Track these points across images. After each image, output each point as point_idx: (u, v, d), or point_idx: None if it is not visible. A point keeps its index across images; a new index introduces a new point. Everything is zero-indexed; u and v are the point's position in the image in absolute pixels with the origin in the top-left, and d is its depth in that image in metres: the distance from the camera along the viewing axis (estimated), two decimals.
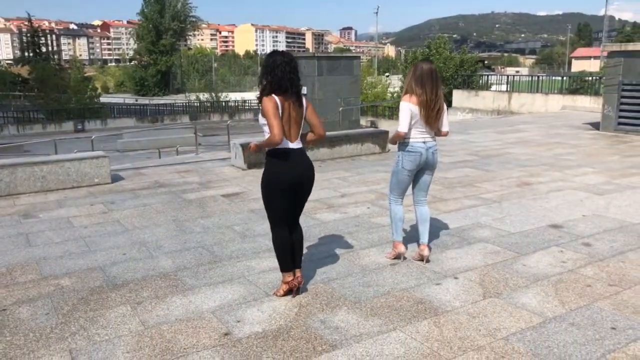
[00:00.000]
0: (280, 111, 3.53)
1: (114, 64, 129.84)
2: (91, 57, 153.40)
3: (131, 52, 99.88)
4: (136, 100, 51.40)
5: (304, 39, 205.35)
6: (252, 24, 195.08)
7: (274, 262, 4.40)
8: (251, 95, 49.30)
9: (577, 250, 4.78)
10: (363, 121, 21.70)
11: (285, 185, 3.69)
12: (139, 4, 75.12)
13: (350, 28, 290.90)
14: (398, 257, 4.60)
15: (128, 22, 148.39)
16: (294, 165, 3.68)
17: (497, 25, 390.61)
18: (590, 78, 22.37)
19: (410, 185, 4.59)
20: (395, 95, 39.19)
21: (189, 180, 7.88)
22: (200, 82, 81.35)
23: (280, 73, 3.55)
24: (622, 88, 12.03)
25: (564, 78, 22.14)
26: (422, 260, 4.57)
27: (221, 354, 3.13)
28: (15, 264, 4.62)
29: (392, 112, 26.64)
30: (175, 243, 5.13)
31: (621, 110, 12.15)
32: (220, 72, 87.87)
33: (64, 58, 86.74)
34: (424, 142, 4.38)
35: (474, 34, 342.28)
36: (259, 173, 8.39)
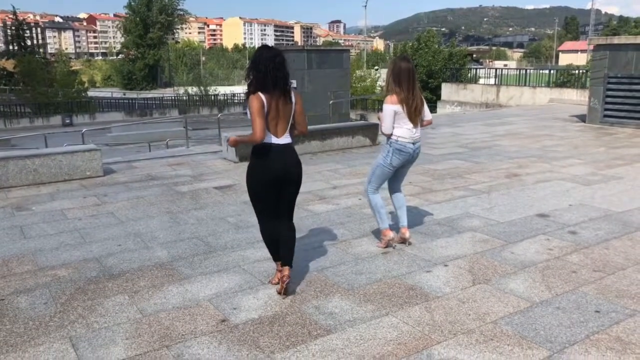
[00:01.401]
0: (266, 108, 3.52)
1: (100, 57, 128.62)
2: (77, 50, 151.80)
3: (118, 46, 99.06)
4: (124, 94, 51.05)
5: (292, 33, 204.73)
6: (241, 17, 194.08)
7: (268, 252, 4.49)
8: (240, 89, 49.17)
9: (563, 238, 4.91)
10: (353, 114, 21.82)
11: (267, 180, 3.65)
12: None
13: (339, 21, 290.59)
14: (389, 244, 4.71)
15: (115, 15, 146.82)
16: (278, 161, 3.63)
17: (485, 19, 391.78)
18: (576, 71, 22.63)
19: None
20: (382, 88, 39.38)
21: (181, 173, 7.92)
22: (188, 75, 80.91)
23: (264, 69, 3.51)
24: (607, 81, 12.22)
25: (552, 71, 22.35)
26: (405, 243, 4.75)
27: (219, 340, 3.21)
28: (11, 256, 4.66)
29: (382, 105, 26.72)
30: (169, 234, 5.19)
31: (607, 103, 12.35)
32: (208, 65, 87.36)
33: (49, 52, 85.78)
34: (413, 143, 4.53)
35: (462, 27, 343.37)
36: None
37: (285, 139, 3.69)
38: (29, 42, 55.01)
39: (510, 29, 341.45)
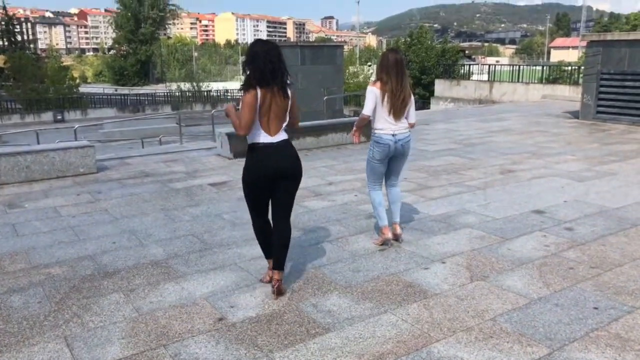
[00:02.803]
0: (258, 104, 3.46)
1: (92, 53, 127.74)
2: (68, 46, 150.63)
3: (110, 41, 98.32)
4: (116, 90, 50.70)
5: (285, 28, 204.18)
6: (233, 13, 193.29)
7: None
8: (233, 85, 49.00)
9: (559, 235, 4.91)
10: (346, 111, 21.75)
11: (258, 178, 3.59)
12: None
13: (332, 17, 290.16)
14: (385, 242, 4.69)
15: (106, 10, 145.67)
16: (269, 160, 3.55)
17: (477, 15, 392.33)
18: (568, 68, 22.72)
19: None
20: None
21: (175, 170, 7.87)
22: (180, 71, 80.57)
23: (261, 63, 3.44)
24: (600, 77, 12.26)
25: (544, 68, 22.41)
26: (398, 240, 4.72)
27: (216, 338, 3.18)
28: (4, 254, 4.60)
29: None
30: (164, 231, 5.15)
31: (600, 99, 12.39)
32: (200, 61, 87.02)
33: (40, 47, 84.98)
34: (392, 135, 4.47)
35: (455, 23, 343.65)
36: (244, 162, 8.40)
37: (279, 137, 3.59)
38: (19, 38, 54.44)
39: (502, 25, 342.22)
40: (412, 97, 4.53)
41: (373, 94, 4.40)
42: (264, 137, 3.55)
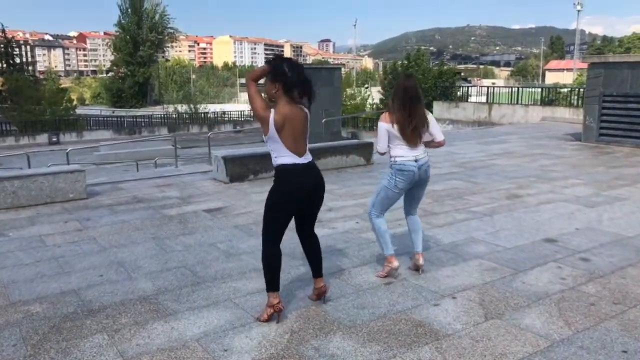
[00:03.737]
0: (282, 122, 3.46)
1: (90, 75, 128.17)
2: (67, 68, 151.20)
3: (108, 64, 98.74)
4: (113, 112, 50.57)
5: (282, 51, 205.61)
6: (231, 36, 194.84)
7: (261, 282, 4.15)
8: (231, 107, 48.96)
9: (575, 266, 4.62)
10: (344, 133, 21.57)
11: (292, 201, 3.58)
12: (115, 15, 74.22)
13: (329, 40, 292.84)
14: (391, 273, 4.40)
15: (105, 33, 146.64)
16: (303, 180, 3.57)
17: (472, 38, 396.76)
18: (565, 90, 22.64)
19: (402, 198, 4.47)
20: (374, 106, 39.33)
21: (168, 195, 7.57)
22: (178, 93, 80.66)
23: (295, 80, 3.47)
24: (603, 99, 12.09)
25: (543, 89, 22.34)
26: (418, 270, 4.46)
27: None
28: None
29: (373, 124, 26.63)
30: (155, 263, 4.84)
31: (602, 122, 12.21)
32: (198, 83, 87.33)
33: (39, 69, 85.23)
34: (415, 161, 4.26)
35: (450, 46, 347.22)
36: (241, 187, 8.14)
37: (306, 158, 3.62)
38: (17, 60, 54.48)
39: (497, 48, 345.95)
40: (429, 117, 4.30)
41: (383, 129, 4.23)
42: (294, 159, 3.55)
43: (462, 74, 62.22)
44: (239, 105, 53.65)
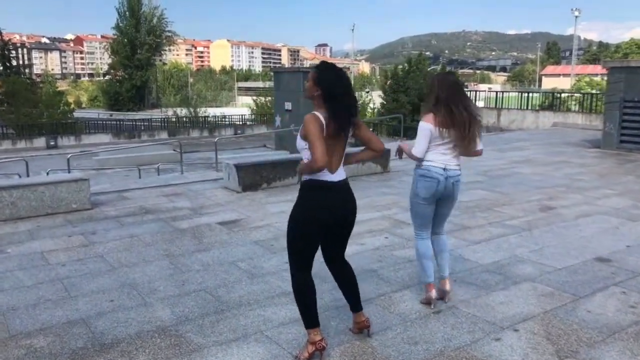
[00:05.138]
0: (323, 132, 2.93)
1: (87, 78, 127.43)
2: (64, 71, 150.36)
3: (105, 67, 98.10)
4: (111, 115, 49.99)
5: (279, 55, 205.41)
6: (228, 40, 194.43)
7: (293, 310, 3.70)
8: (231, 111, 48.47)
9: None
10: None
11: (320, 227, 3.08)
12: (113, 18, 73.46)
13: (326, 45, 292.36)
14: (429, 302, 3.90)
15: (102, 36, 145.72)
16: (335, 204, 3.07)
17: (468, 43, 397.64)
18: (577, 95, 22.27)
19: None
20: (375, 110, 38.89)
21: (178, 205, 7.08)
22: (175, 97, 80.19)
23: (339, 93, 3.00)
24: (624, 105, 11.66)
25: (554, 94, 21.94)
26: (444, 299, 3.95)
27: None
28: None
29: (375, 129, 26.21)
30: (171, 285, 4.35)
31: (623, 128, 11.77)
32: (196, 87, 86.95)
33: (35, 72, 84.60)
34: (443, 169, 3.74)
35: (446, 51, 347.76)
36: (255, 196, 7.60)
37: (340, 174, 3.10)
38: (14, 63, 53.87)
39: (493, 53, 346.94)
40: (477, 123, 3.76)
41: (427, 130, 3.67)
42: (326, 175, 3.05)
43: (460, 78, 62.00)
44: (240, 109, 53.12)
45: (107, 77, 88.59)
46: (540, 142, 13.85)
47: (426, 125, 3.67)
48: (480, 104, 23.05)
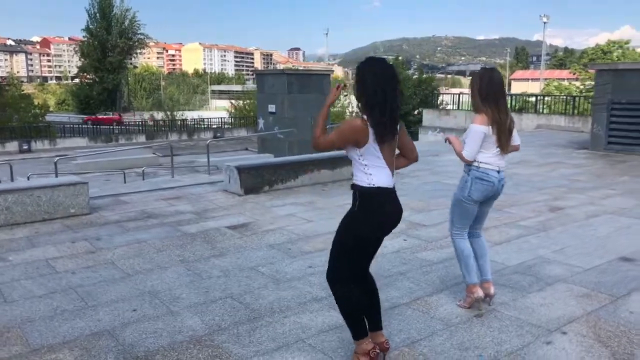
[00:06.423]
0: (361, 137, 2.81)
1: (54, 81, 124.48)
2: (30, 74, 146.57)
3: (74, 69, 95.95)
4: (83, 119, 48.83)
5: (252, 59, 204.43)
6: (200, 43, 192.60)
7: (329, 316, 3.59)
8: (209, 114, 47.84)
9: None
10: None
11: (379, 235, 3.00)
12: (82, 21, 71.87)
13: (298, 49, 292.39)
14: (475, 304, 3.80)
15: (70, 38, 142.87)
16: (392, 212, 2.95)
17: (438, 49, 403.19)
18: (562, 97, 22.68)
19: None
20: (353, 114, 38.97)
21: (181, 209, 6.82)
22: (147, 100, 79.03)
23: (380, 91, 2.79)
24: (611, 107, 11.84)
25: (537, 97, 22.27)
26: (486, 301, 3.85)
27: None
28: None
29: None
30: (194, 292, 4.13)
31: (611, 129, 11.95)
32: (168, 90, 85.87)
33: (0, 75, 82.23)
34: (498, 172, 3.70)
35: (417, 56, 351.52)
36: (258, 199, 7.41)
37: (394, 179, 2.95)
38: None
39: (463, 58, 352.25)
40: (513, 119, 3.75)
41: (481, 133, 3.56)
42: (388, 180, 2.90)
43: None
44: (218, 112, 52.57)
45: (76, 80, 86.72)
46: (528, 144, 13.96)
47: (480, 128, 3.57)
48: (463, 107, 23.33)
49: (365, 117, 2.80)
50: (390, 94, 2.79)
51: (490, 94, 3.56)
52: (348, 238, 2.90)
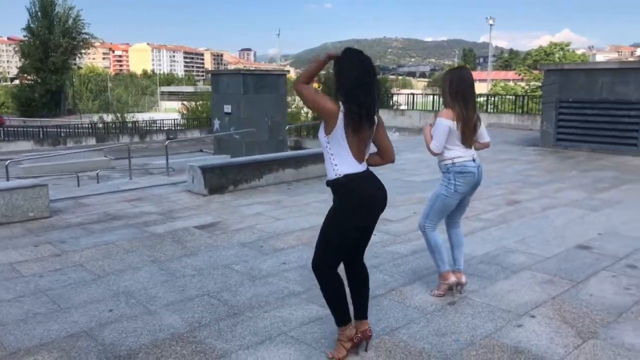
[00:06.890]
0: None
1: None
2: None
3: (13, 70, 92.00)
4: (24, 122, 46.82)
5: (202, 59, 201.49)
6: (148, 43, 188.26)
7: (308, 309, 3.67)
8: (161, 115, 46.80)
9: (629, 275, 4.41)
10: (288, 141, 21.03)
11: (367, 223, 3.06)
12: (22, 19, 68.94)
13: (249, 49, 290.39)
14: (450, 289, 3.96)
15: (9, 38, 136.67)
16: (371, 194, 2.99)
17: (389, 50, 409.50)
18: (510, 97, 23.54)
19: None
20: (308, 115, 39.08)
21: (145, 210, 6.72)
22: (94, 102, 76.62)
23: (355, 76, 2.87)
24: (559, 105, 12.41)
25: (488, 97, 23.01)
26: (458, 289, 4.02)
27: None
28: None
29: (314, 132, 26.32)
30: (170, 291, 4.10)
31: (559, 127, 12.52)
32: (115, 92, 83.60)
33: None
34: (473, 160, 3.86)
35: None
36: (223, 199, 7.43)
37: (364, 165, 3.00)
38: None
39: (413, 59, 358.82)
40: (480, 117, 3.93)
41: (445, 127, 3.71)
42: (356, 166, 2.96)
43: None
44: (170, 113, 51.50)
45: (16, 82, 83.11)
46: None
47: (445, 122, 3.71)
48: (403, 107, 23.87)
49: (341, 103, 2.86)
50: (369, 86, 2.86)
51: (459, 92, 3.72)
52: (332, 232, 2.95)
